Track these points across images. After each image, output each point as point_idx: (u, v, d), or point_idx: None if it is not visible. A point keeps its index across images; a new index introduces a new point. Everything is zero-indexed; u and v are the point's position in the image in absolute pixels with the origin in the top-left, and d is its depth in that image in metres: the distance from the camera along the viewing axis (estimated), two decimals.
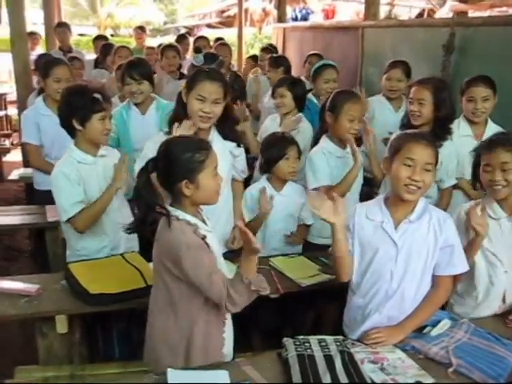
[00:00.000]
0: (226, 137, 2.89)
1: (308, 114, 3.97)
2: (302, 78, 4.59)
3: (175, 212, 1.95)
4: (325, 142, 3.15)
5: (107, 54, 5.75)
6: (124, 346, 2.96)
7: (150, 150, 2.73)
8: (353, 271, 2.27)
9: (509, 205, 2.39)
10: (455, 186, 3.29)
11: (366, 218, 2.22)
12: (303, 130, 3.80)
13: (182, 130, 2.65)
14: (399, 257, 2.16)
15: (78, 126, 2.68)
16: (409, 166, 2.10)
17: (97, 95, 2.67)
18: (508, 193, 2.34)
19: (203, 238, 1.93)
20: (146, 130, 3.53)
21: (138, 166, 2.69)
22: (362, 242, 2.23)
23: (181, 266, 1.87)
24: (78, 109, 2.65)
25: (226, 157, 2.90)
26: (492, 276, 2.43)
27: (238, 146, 2.97)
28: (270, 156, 3.07)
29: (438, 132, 3.12)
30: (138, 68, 3.61)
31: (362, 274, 2.24)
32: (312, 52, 5.63)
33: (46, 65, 3.82)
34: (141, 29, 8.21)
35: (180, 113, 2.78)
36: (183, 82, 4.81)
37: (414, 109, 3.13)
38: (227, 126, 2.89)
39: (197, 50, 4.90)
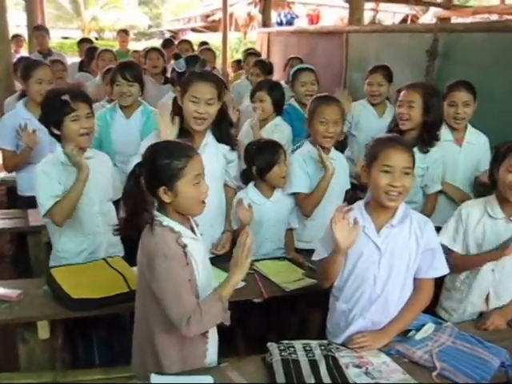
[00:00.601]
0: (220, 140, 2.90)
1: (288, 118, 3.96)
2: (282, 82, 4.58)
3: (160, 217, 1.92)
4: (306, 146, 3.16)
5: (93, 58, 5.70)
6: (104, 352, 2.93)
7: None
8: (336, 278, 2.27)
9: (509, 207, 2.43)
10: (439, 191, 3.31)
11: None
12: (282, 131, 3.80)
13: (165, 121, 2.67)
14: (382, 261, 2.17)
15: (57, 132, 2.67)
16: (387, 172, 2.10)
17: (65, 97, 2.61)
18: None
19: (184, 246, 1.89)
20: (128, 134, 3.51)
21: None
22: None
23: (153, 273, 1.85)
24: (51, 115, 2.64)
25: (220, 160, 2.92)
26: (477, 271, 2.47)
27: (233, 149, 2.97)
28: (264, 163, 3.01)
29: (426, 138, 3.15)
30: (130, 69, 3.61)
31: (345, 279, 2.24)
32: (292, 56, 5.63)
33: (27, 66, 3.78)
34: (124, 32, 8.18)
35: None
36: (168, 87, 4.79)
37: (404, 111, 3.13)
38: (222, 129, 2.90)
39: (176, 57, 4.88)
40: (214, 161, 2.81)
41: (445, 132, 3.33)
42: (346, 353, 2.10)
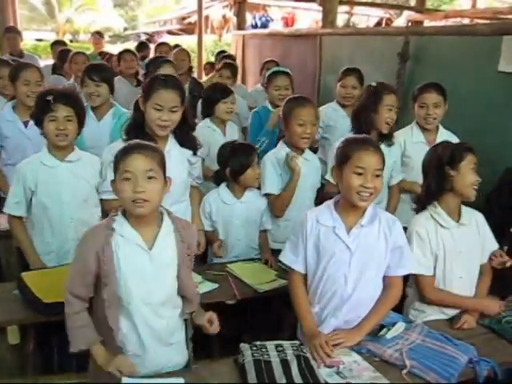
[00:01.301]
0: (182, 144, 2.88)
1: (259, 119, 4.01)
2: (259, 85, 4.60)
3: (118, 214, 1.95)
4: (281, 147, 3.18)
5: (65, 60, 5.66)
6: (64, 360, 2.86)
7: (106, 158, 2.74)
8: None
9: (454, 212, 2.47)
10: (402, 190, 3.41)
11: (318, 223, 2.23)
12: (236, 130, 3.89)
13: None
14: (353, 261, 2.18)
15: (41, 131, 2.74)
16: (359, 174, 2.12)
17: (48, 97, 2.68)
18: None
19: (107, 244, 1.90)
20: (99, 137, 3.49)
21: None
22: (318, 247, 2.23)
23: None
24: (37, 112, 2.74)
25: (184, 164, 2.91)
26: (447, 283, 2.48)
27: (195, 154, 2.96)
28: (238, 166, 3.02)
29: (390, 134, 3.22)
30: (97, 70, 3.61)
31: (318, 280, 2.25)
32: (268, 59, 5.66)
33: (15, 68, 3.79)
34: (98, 34, 8.11)
35: (138, 121, 2.77)
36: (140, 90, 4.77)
37: (394, 117, 3.16)
38: (184, 133, 2.88)
39: (142, 59, 4.88)
40: (180, 166, 2.82)
41: (416, 133, 3.39)
42: None
